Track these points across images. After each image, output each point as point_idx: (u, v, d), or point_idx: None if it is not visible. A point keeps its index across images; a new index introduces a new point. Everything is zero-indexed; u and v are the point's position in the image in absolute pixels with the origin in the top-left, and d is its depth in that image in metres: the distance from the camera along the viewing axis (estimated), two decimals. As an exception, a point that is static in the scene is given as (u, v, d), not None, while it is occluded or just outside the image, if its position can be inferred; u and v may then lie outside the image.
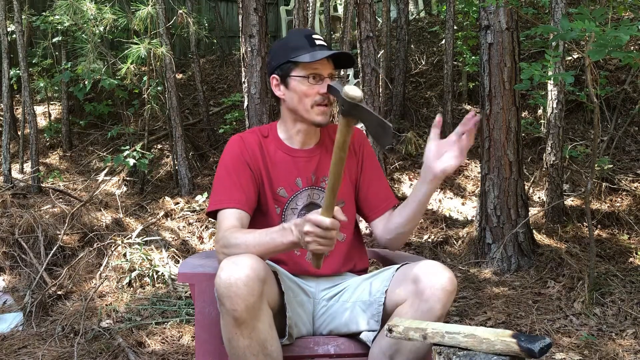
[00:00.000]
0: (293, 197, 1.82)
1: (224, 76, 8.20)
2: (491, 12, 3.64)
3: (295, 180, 1.82)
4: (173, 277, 3.58)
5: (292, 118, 1.82)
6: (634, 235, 4.11)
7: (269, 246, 1.56)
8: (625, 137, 5.44)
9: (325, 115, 1.78)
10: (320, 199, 1.83)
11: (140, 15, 4.86)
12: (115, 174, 5.58)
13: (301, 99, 1.76)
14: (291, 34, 1.85)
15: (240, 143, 1.83)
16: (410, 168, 5.49)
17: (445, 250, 4.16)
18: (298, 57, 1.73)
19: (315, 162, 1.85)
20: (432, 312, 1.58)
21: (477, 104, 6.30)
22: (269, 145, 1.84)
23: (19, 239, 3.74)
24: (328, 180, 1.48)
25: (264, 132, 1.87)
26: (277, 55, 1.81)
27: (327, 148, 1.87)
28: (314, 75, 1.74)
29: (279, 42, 1.87)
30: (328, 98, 1.75)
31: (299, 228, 1.49)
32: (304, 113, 1.77)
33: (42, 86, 6.22)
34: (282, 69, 1.78)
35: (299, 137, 1.84)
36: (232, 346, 1.54)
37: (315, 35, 1.79)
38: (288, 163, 1.83)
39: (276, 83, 1.81)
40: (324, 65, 1.75)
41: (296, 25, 4.18)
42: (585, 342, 2.73)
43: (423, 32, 8.46)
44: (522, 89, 2.98)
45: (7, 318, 3.13)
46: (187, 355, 2.70)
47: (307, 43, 1.75)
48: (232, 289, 1.46)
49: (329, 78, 1.76)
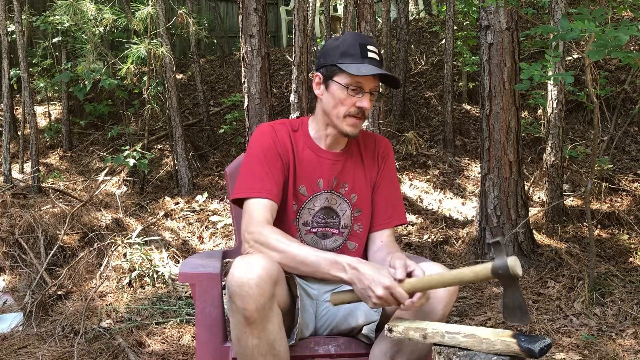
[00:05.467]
0: (312, 197, 1.81)
1: (224, 76, 8.20)
2: (491, 12, 3.64)
3: (317, 180, 1.81)
4: (173, 277, 3.58)
5: (325, 120, 1.80)
6: (634, 235, 4.12)
7: (312, 268, 1.56)
8: (625, 137, 5.45)
9: (356, 128, 1.75)
10: (337, 205, 1.82)
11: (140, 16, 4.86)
12: (115, 174, 5.58)
13: (336, 105, 1.73)
14: (348, 37, 1.78)
15: (273, 133, 1.80)
16: (411, 168, 5.49)
17: (445, 250, 4.16)
18: (345, 64, 1.70)
19: (339, 167, 1.83)
20: (435, 314, 1.58)
21: (477, 104, 6.30)
22: (298, 141, 1.82)
23: (19, 239, 3.74)
24: (436, 279, 1.47)
25: (294, 126, 1.85)
26: (327, 55, 1.77)
27: (353, 154, 1.86)
28: (355, 87, 1.71)
29: (333, 41, 1.82)
30: (363, 112, 1.73)
31: (363, 279, 1.48)
32: (336, 119, 1.75)
33: (42, 86, 6.22)
34: (327, 69, 1.75)
35: (328, 139, 1.82)
36: (240, 345, 1.54)
37: (370, 46, 1.73)
38: (313, 162, 1.81)
39: (318, 81, 1.78)
40: (368, 79, 1.71)
41: (296, 25, 4.18)
42: (585, 342, 2.73)
43: (423, 32, 8.47)
44: (522, 89, 2.98)
45: (7, 318, 3.13)
46: (187, 355, 2.70)
47: (359, 52, 1.71)
48: (244, 289, 1.46)
49: (369, 93, 1.73)
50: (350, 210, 1.84)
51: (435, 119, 6.32)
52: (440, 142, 5.87)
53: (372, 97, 1.74)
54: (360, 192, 1.85)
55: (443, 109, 5.91)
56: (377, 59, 1.73)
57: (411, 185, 5.24)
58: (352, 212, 1.84)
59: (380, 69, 1.71)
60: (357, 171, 1.86)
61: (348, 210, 1.84)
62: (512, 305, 1.46)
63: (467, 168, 5.48)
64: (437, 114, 6.36)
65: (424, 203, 4.99)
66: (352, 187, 1.84)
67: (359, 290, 1.50)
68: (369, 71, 1.67)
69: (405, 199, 4.97)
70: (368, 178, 1.87)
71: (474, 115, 6.29)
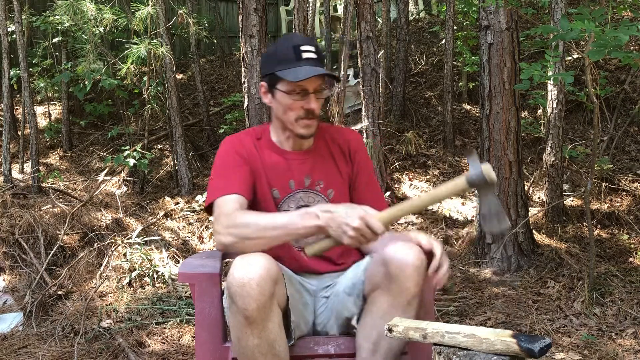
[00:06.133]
0: (285, 198, 1.82)
1: (224, 76, 8.20)
2: (491, 12, 3.64)
3: (288, 182, 1.82)
4: (173, 277, 3.58)
5: (280, 125, 1.82)
6: (634, 235, 4.12)
7: (286, 229, 1.55)
8: (625, 137, 5.45)
9: (310, 128, 1.76)
10: (314, 203, 1.82)
11: (140, 16, 4.85)
12: (115, 174, 5.58)
13: (286, 111, 1.74)
14: (282, 42, 1.79)
15: (236, 141, 1.83)
16: (410, 168, 5.49)
17: (445, 250, 4.16)
18: (283, 72, 1.69)
19: (309, 165, 1.84)
20: (406, 292, 1.59)
21: (477, 104, 6.30)
22: (263, 147, 1.84)
23: (19, 239, 3.74)
24: (409, 203, 1.51)
25: (257, 134, 1.87)
26: (265, 64, 1.79)
27: (322, 151, 1.87)
28: (298, 91, 1.71)
29: (269, 48, 1.84)
30: (312, 112, 1.73)
31: (337, 217, 1.49)
32: (289, 125, 1.77)
33: (42, 86, 6.22)
34: (269, 78, 1.76)
35: (290, 141, 1.83)
36: (241, 345, 1.55)
37: (305, 45, 1.72)
38: (281, 165, 1.82)
39: (264, 91, 1.80)
40: (309, 81, 1.70)
41: (296, 25, 4.18)
42: (585, 342, 2.73)
43: (423, 32, 8.47)
44: (522, 89, 2.98)
45: (7, 318, 3.13)
46: (187, 355, 2.70)
47: (294, 56, 1.70)
48: (245, 289, 1.46)
49: (314, 93, 1.73)
50: None
51: (435, 119, 6.32)
52: (440, 142, 5.87)
53: (318, 95, 1.74)
54: (336, 187, 1.86)
55: (443, 109, 5.91)
56: (314, 57, 1.72)
57: (411, 185, 5.24)
58: None
59: (318, 67, 1.70)
60: (329, 167, 1.86)
61: None
62: (489, 214, 1.49)
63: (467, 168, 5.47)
64: (437, 114, 6.36)
65: (424, 203, 4.98)
66: (327, 183, 1.85)
67: (335, 230, 1.50)
68: (305, 74, 1.67)
69: (406, 199, 4.98)
70: (342, 173, 1.87)
71: (474, 115, 6.29)
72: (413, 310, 1.62)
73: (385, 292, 1.61)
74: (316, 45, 1.76)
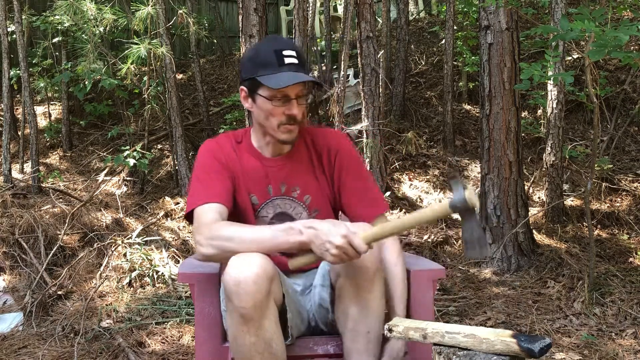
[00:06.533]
0: (264, 205, 1.80)
1: (224, 76, 8.20)
2: (491, 12, 3.64)
3: (267, 187, 1.80)
4: (173, 277, 3.58)
5: (261, 130, 1.78)
6: (634, 235, 4.12)
7: (270, 244, 1.54)
8: (625, 137, 5.45)
9: (292, 134, 1.73)
10: (292, 209, 1.80)
11: (140, 16, 4.85)
12: (115, 174, 5.58)
13: (267, 117, 1.71)
14: (263, 45, 1.74)
15: (215, 146, 1.81)
16: (410, 168, 5.49)
17: (445, 250, 4.16)
18: (264, 77, 1.65)
19: (286, 171, 1.81)
20: (365, 271, 1.58)
21: (477, 104, 6.30)
22: (242, 151, 1.82)
23: (19, 239, 3.74)
24: (392, 224, 1.51)
25: (238, 138, 1.84)
26: (245, 67, 1.74)
27: (300, 156, 1.83)
28: (279, 97, 1.68)
29: (249, 52, 1.79)
30: (294, 118, 1.70)
31: (320, 234, 1.47)
32: (270, 130, 1.73)
33: (42, 86, 6.22)
34: (250, 83, 1.72)
35: (270, 146, 1.80)
36: (237, 344, 1.54)
37: (287, 50, 1.68)
38: (260, 170, 1.80)
39: (244, 95, 1.76)
40: (292, 86, 1.65)
41: (296, 25, 4.18)
42: (585, 342, 2.73)
43: (423, 32, 8.47)
44: (522, 89, 2.98)
45: (7, 318, 3.13)
46: (187, 355, 2.70)
47: (276, 61, 1.66)
48: (241, 287, 1.46)
49: (296, 99, 1.69)
50: (306, 212, 1.82)
51: (435, 119, 6.32)
52: (440, 142, 5.87)
53: (300, 101, 1.71)
54: (313, 192, 1.82)
55: (443, 109, 5.91)
56: (296, 62, 1.68)
57: (411, 185, 5.24)
58: (309, 213, 1.82)
59: (300, 72, 1.67)
60: (305, 172, 1.82)
61: (304, 213, 1.82)
62: (470, 239, 1.49)
63: (467, 168, 5.48)
64: (437, 114, 6.36)
65: (424, 203, 4.99)
66: (303, 189, 1.81)
67: (318, 247, 1.49)
68: (288, 81, 1.63)
69: (405, 198, 4.97)
70: (322, 176, 1.83)
71: (474, 115, 6.29)
72: (379, 286, 1.63)
73: (346, 276, 1.60)
74: (298, 49, 1.73)
